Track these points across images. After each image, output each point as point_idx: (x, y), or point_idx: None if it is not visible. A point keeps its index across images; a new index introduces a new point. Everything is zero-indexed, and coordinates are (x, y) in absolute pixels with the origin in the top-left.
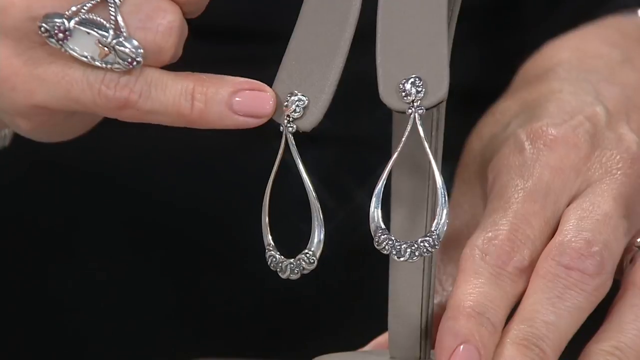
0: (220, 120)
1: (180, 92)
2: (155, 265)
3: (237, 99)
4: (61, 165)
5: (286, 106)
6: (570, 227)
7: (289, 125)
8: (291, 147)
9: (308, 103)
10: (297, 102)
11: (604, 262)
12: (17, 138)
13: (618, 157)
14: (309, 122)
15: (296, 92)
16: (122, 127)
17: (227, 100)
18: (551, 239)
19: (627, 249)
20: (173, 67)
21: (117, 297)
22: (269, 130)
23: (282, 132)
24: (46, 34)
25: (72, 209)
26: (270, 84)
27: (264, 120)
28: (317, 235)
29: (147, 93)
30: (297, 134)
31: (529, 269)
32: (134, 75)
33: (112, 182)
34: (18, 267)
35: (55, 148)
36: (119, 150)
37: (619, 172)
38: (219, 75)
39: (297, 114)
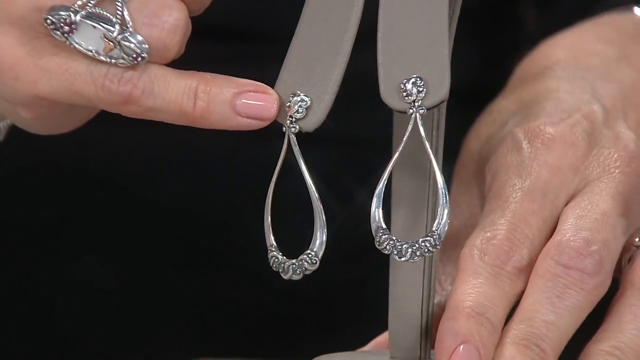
0: (223, 120)
1: (184, 90)
2: (155, 266)
3: (240, 100)
4: (60, 164)
5: (289, 107)
6: (569, 226)
7: (291, 125)
8: (294, 147)
9: (311, 103)
10: (299, 103)
11: (603, 260)
12: (10, 135)
13: (616, 155)
14: (312, 123)
15: (299, 92)
16: (123, 126)
17: (230, 100)
18: (550, 238)
19: (626, 248)
20: (172, 65)
21: (117, 297)
22: (272, 131)
23: (284, 133)
24: (52, 27)
25: (71, 209)
26: (271, 84)
27: (266, 123)
28: (320, 236)
29: (150, 89)
30: (299, 134)
31: (528, 269)
32: (137, 71)
33: (113, 182)
34: (10, 266)
35: (54, 146)
36: (120, 150)
37: (617, 171)
38: (224, 76)
39: (300, 114)
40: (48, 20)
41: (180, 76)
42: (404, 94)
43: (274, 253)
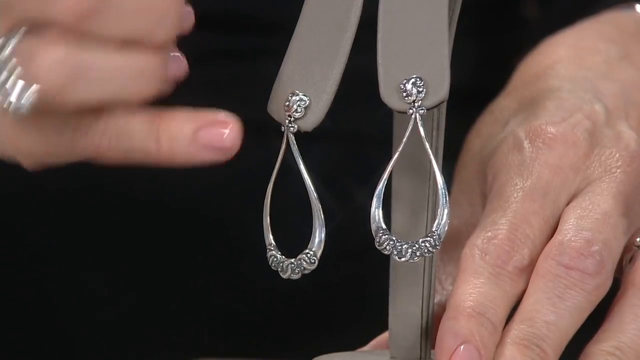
0: (188, 157)
1: (147, 135)
2: (153, 266)
3: (200, 135)
4: (57, 165)
5: (288, 106)
6: (570, 226)
7: (290, 125)
8: (292, 147)
9: (310, 103)
10: (298, 102)
11: (604, 261)
12: None
13: (617, 155)
14: (311, 122)
15: (297, 91)
16: None
17: (190, 137)
18: (551, 238)
19: (627, 248)
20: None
21: (116, 298)
22: (271, 130)
23: (283, 132)
24: None
25: (68, 210)
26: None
27: (229, 154)
28: (318, 235)
29: (116, 140)
30: (297, 133)
31: (529, 269)
32: (100, 125)
33: (110, 183)
34: (9, 268)
35: None
36: None
37: (618, 171)
38: (183, 112)
39: (299, 113)
40: None
41: (141, 121)
42: (404, 94)
43: (273, 252)
